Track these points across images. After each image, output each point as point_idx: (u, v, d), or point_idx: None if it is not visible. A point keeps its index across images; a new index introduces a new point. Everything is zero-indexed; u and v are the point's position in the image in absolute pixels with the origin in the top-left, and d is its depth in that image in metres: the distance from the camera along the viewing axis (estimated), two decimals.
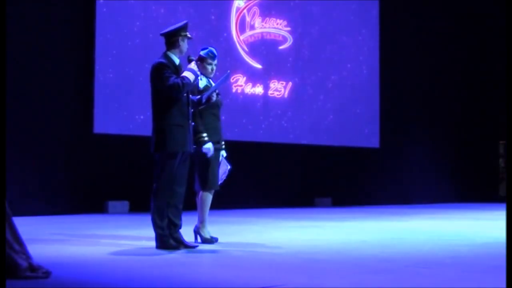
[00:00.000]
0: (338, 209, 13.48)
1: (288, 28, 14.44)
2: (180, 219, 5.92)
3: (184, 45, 5.98)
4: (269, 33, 14.21)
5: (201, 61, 6.44)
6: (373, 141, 16.00)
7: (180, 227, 5.90)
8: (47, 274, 4.13)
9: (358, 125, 15.69)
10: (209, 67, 6.49)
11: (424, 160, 17.08)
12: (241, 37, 13.64)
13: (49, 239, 6.79)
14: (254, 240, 6.95)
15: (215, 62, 6.54)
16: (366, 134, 15.89)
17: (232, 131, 13.58)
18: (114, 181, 11.17)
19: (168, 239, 5.73)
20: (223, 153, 6.68)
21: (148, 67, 6.14)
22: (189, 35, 6.04)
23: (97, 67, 11.16)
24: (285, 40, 14.45)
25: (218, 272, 4.69)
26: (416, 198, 16.36)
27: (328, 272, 4.62)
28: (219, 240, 6.44)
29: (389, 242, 6.88)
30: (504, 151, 19.69)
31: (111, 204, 11.17)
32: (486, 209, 13.90)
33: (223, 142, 6.64)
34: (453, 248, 6.30)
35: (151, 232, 5.89)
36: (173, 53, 5.95)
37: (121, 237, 6.89)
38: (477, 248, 6.31)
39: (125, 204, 11.30)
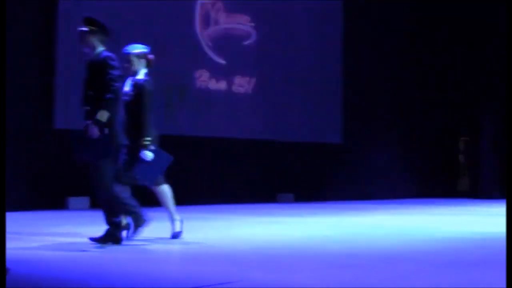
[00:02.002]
0: (300, 204, 13.54)
1: (252, 24, 14.43)
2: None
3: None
4: (233, 28, 14.18)
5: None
6: (336, 137, 16.11)
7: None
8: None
9: (321, 121, 15.77)
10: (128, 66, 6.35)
11: (386, 156, 17.25)
12: (205, 32, 13.60)
13: (7, 236, 6.68)
14: (216, 236, 6.94)
15: (130, 59, 6.34)
16: (329, 130, 15.97)
17: (196, 127, 13.54)
18: (75, 177, 11.03)
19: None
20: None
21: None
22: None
23: (58, 62, 11.02)
24: (249, 35, 14.44)
25: (180, 268, 4.68)
26: (378, 194, 16.51)
27: (289, 268, 4.64)
28: (182, 236, 6.40)
29: (351, 237, 6.94)
30: (464, 147, 20.01)
31: (72, 200, 11.06)
32: (446, 204, 14.11)
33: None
34: (413, 242, 6.38)
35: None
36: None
37: (80, 234, 6.82)
38: (436, 242, 6.40)
39: (86, 200, 11.19)
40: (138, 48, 6.42)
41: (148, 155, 6.18)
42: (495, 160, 18.48)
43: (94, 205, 11.05)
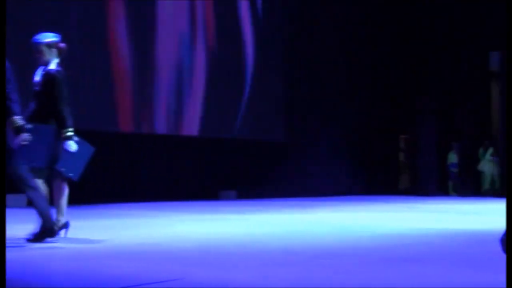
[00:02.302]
0: (242, 202, 13.52)
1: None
2: None
3: None
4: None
5: None
6: (278, 135, 16.16)
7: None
8: None
9: (263, 119, 15.80)
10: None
11: (328, 154, 17.41)
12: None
13: None
14: (158, 233, 6.84)
15: (40, 49, 6.10)
16: (272, 128, 16.02)
17: (138, 124, 13.37)
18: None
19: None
20: None
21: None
22: None
23: None
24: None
25: (121, 265, 4.57)
26: (321, 191, 16.65)
27: (231, 265, 4.59)
28: (121, 234, 6.29)
29: (293, 234, 6.94)
30: (404, 145, 20.36)
31: (8, 197, 10.74)
32: (387, 201, 14.31)
33: None
34: (355, 239, 6.41)
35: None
36: None
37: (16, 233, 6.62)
38: (377, 239, 6.45)
39: (23, 197, 10.89)
40: (48, 37, 6.17)
41: (72, 146, 5.97)
42: (433, 158, 18.86)
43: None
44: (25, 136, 5.52)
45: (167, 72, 13.85)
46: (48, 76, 5.98)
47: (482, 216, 9.84)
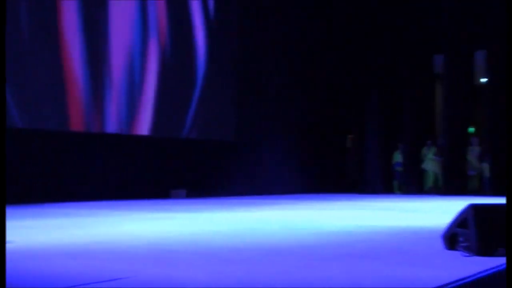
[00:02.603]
0: (192, 200, 13.45)
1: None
2: None
3: None
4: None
5: None
6: (229, 135, 16.14)
7: None
8: None
9: (214, 119, 15.76)
10: None
11: (277, 153, 17.47)
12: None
13: None
14: (108, 232, 6.74)
15: None
16: (222, 128, 15.99)
17: (89, 124, 13.16)
18: None
19: None
20: None
21: None
22: None
23: None
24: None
25: (70, 264, 4.48)
26: (269, 190, 16.70)
27: (180, 263, 4.55)
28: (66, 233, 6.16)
29: (242, 232, 6.92)
30: (351, 145, 20.57)
31: None
32: (334, 199, 14.43)
33: None
34: (301, 237, 6.43)
35: None
36: None
37: None
38: (324, 236, 6.48)
39: None
40: None
41: None
42: (380, 157, 19.11)
43: None
44: None
45: (118, 72, 13.67)
46: None
47: (425, 213, 10.00)
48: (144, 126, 14.17)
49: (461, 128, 18.51)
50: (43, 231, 6.02)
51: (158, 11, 14.52)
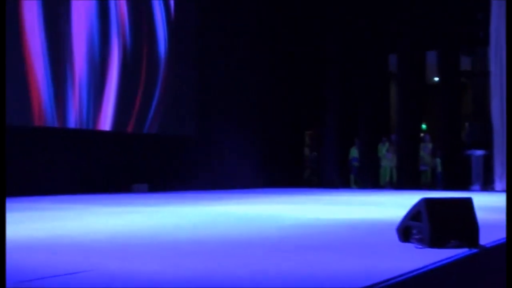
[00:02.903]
0: (154, 194, 13.35)
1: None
2: None
3: None
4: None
5: None
6: (189, 131, 16.07)
7: None
8: None
9: (176, 115, 15.67)
10: None
11: (238, 149, 17.46)
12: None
13: None
14: (70, 226, 6.63)
15: None
16: (183, 124, 15.91)
17: (52, 119, 12.96)
18: None
19: None
20: None
21: None
22: None
23: None
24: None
25: (29, 257, 4.38)
26: (230, 184, 16.68)
27: (142, 256, 4.49)
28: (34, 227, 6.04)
29: (203, 225, 6.88)
30: (309, 140, 20.68)
31: None
32: (293, 193, 14.47)
33: None
34: (262, 229, 6.42)
35: None
36: None
37: None
38: (284, 229, 6.48)
39: None
40: None
41: None
42: (337, 152, 19.25)
43: None
44: None
45: (80, 67, 13.48)
46: None
47: (380, 207, 10.09)
48: (105, 121, 14.01)
49: (414, 125, 18.76)
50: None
51: (120, 8, 14.36)
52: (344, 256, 4.44)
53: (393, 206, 9.97)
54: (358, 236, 5.86)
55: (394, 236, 5.13)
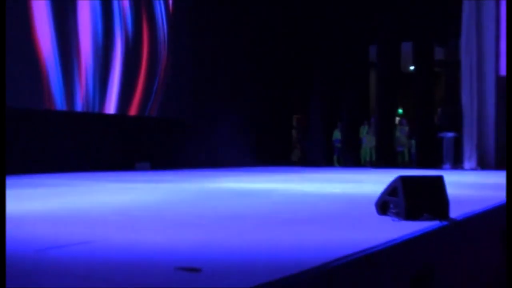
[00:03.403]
0: (156, 172, 13.35)
1: None
2: None
3: None
4: None
5: None
6: (187, 113, 16.06)
7: None
8: None
9: (173, 99, 15.65)
10: None
11: (233, 130, 17.46)
12: None
13: None
14: (78, 200, 6.63)
15: None
16: (180, 107, 15.90)
17: (62, 102, 12.91)
18: None
19: None
20: None
21: None
22: None
23: None
24: None
25: (41, 228, 4.38)
26: (225, 163, 16.70)
27: (145, 228, 4.51)
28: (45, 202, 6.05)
29: (201, 200, 6.90)
30: (296, 124, 20.68)
31: None
32: (281, 171, 14.50)
33: None
34: (254, 204, 6.45)
35: None
36: None
37: None
38: (274, 204, 6.51)
39: None
40: None
41: None
42: (321, 134, 19.28)
43: None
44: None
45: (86, 57, 13.40)
46: None
47: (361, 184, 10.14)
48: (110, 105, 13.98)
49: (391, 109, 18.80)
50: (14, 199, 5.87)
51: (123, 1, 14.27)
52: (326, 228, 4.47)
53: (372, 183, 10.01)
54: (340, 210, 5.90)
55: (373, 210, 5.16)
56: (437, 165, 17.02)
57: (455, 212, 4.88)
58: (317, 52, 19.26)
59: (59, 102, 12.80)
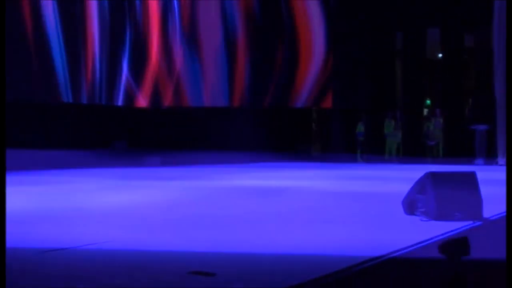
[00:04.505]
0: (166, 168, 13.33)
1: None
2: None
3: None
4: None
5: None
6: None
7: None
8: None
9: None
10: None
11: (254, 124, 17.44)
12: None
13: None
14: (85, 199, 6.65)
15: None
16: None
17: (69, 95, 13.07)
18: None
19: None
20: None
21: None
22: None
23: None
24: None
25: (51, 229, 4.41)
26: (244, 158, 16.64)
27: (153, 229, 4.52)
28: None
29: (217, 200, 6.89)
30: (316, 116, 20.64)
31: None
32: (301, 168, 14.45)
33: None
34: (274, 204, 6.41)
35: None
36: None
37: None
38: (294, 203, 6.48)
39: None
40: None
41: None
42: (343, 128, 19.20)
43: None
44: None
45: (92, 54, 13.74)
46: None
47: (386, 181, 10.07)
48: (118, 97, 14.27)
49: (418, 100, 18.64)
50: (23, 197, 5.91)
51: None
52: (350, 228, 4.44)
53: (398, 179, 9.94)
54: (364, 210, 5.86)
55: (400, 209, 5.13)
56: (469, 160, 16.83)
57: (489, 212, 4.83)
58: (343, 42, 19.05)
59: (64, 95, 12.94)
